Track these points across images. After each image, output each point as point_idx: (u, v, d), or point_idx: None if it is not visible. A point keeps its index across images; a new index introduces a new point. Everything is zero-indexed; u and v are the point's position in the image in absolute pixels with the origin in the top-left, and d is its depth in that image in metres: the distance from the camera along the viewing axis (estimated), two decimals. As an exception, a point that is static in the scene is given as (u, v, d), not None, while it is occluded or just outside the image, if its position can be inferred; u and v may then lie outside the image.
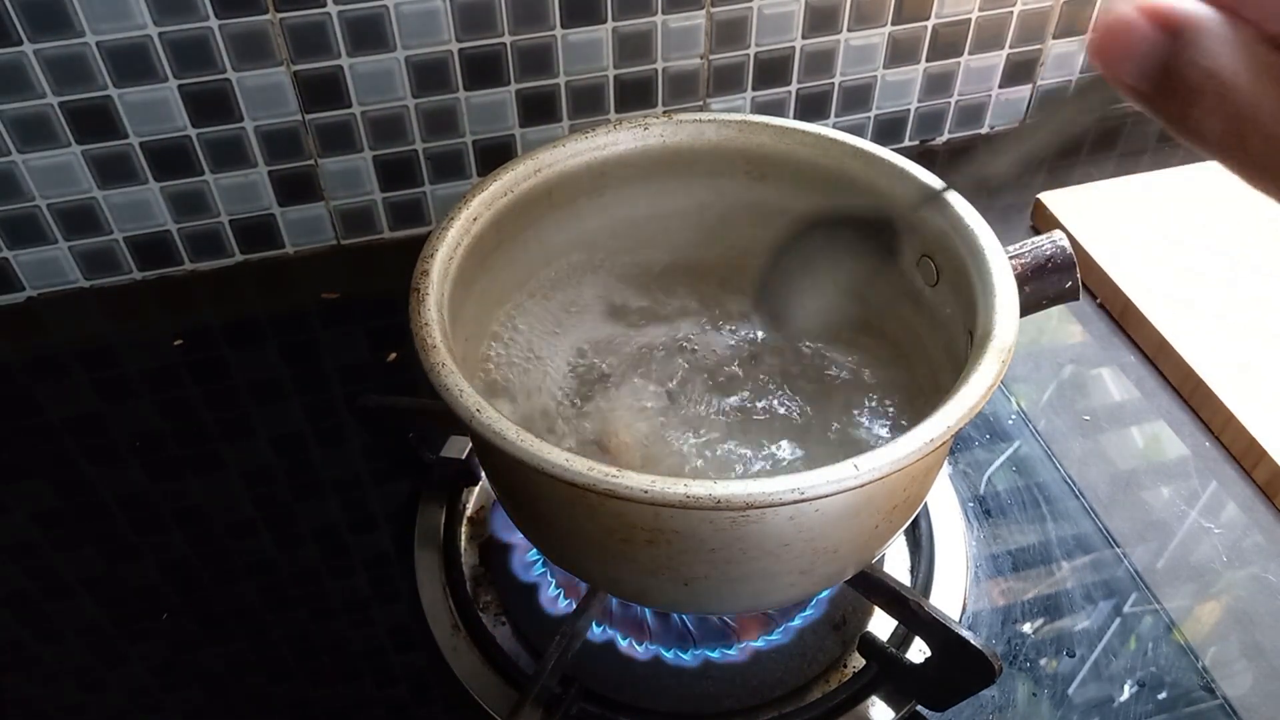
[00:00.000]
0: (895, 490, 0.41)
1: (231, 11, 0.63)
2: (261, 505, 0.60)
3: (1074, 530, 0.57)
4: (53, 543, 0.59)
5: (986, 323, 0.42)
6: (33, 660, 0.53)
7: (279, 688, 0.52)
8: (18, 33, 0.60)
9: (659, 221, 0.56)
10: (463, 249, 0.47)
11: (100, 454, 0.63)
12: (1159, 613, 0.53)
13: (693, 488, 0.35)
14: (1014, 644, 0.52)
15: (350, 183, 0.73)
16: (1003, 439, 0.62)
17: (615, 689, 0.50)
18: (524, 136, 0.74)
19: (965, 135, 0.85)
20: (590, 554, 0.43)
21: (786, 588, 0.43)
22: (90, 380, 0.68)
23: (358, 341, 0.70)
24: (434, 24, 0.66)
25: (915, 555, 0.56)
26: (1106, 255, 0.71)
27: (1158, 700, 0.49)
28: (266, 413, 0.66)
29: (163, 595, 0.56)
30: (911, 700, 0.49)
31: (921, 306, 0.50)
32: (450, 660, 0.51)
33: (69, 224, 0.70)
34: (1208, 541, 0.56)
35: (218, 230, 0.73)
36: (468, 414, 0.38)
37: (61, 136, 0.65)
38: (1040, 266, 0.48)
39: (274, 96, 0.67)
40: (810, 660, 0.51)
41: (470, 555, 0.56)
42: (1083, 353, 0.68)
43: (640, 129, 0.52)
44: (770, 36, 0.74)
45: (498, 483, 0.47)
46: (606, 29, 0.70)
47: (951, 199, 0.47)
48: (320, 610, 0.55)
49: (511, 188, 0.50)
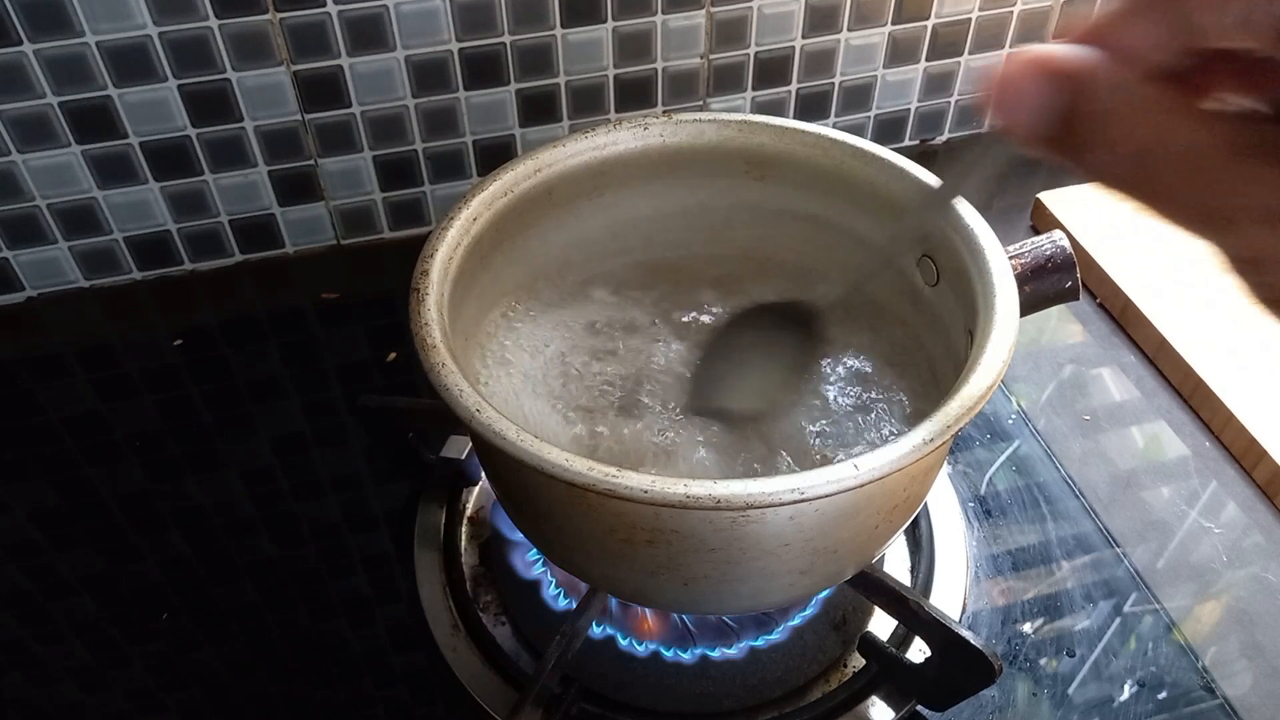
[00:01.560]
0: (895, 490, 0.41)
1: (231, 11, 0.63)
2: (261, 505, 0.60)
3: (1074, 530, 0.57)
4: (53, 543, 0.59)
5: (986, 323, 0.42)
6: (33, 660, 0.53)
7: (279, 688, 0.52)
8: (18, 33, 0.60)
9: (659, 221, 0.56)
10: (463, 249, 0.47)
11: (100, 454, 0.63)
12: (1159, 613, 0.53)
13: (692, 488, 0.35)
14: (1014, 644, 0.52)
15: (350, 183, 0.73)
16: (1003, 439, 0.62)
17: (615, 689, 0.50)
18: (524, 136, 0.74)
19: (965, 135, 0.85)
20: (590, 554, 0.43)
21: (786, 588, 0.43)
22: (90, 380, 0.68)
23: (358, 341, 0.70)
24: (434, 24, 0.66)
25: (915, 555, 0.56)
26: (1106, 255, 0.70)
27: (1158, 700, 0.49)
28: (266, 413, 0.66)
29: (163, 595, 0.56)
30: (911, 700, 0.49)
31: (921, 306, 0.50)
32: (450, 660, 0.51)
33: (69, 224, 0.70)
34: (1208, 541, 0.56)
35: (217, 230, 0.73)
36: (468, 414, 0.38)
37: (61, 136, 0.65)
38: (1040, 266, 0.47)
39: (274, 96, 0.67)
40: (810, 660, 0.51)
41: (470, 555, 0.56)
42: (1083, 353, 0.68)
43: (640, 129, 0.52)
44: (770, 36, 0.74)
45: (498, 483, 0.47)
46: (606, 29, 0.70)
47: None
48: (320, 610, 0.55)
49: (511, 188, 0.49)
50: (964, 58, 0.79)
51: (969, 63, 0.80)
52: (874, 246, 0.47)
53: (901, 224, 0.45)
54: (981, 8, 0.76)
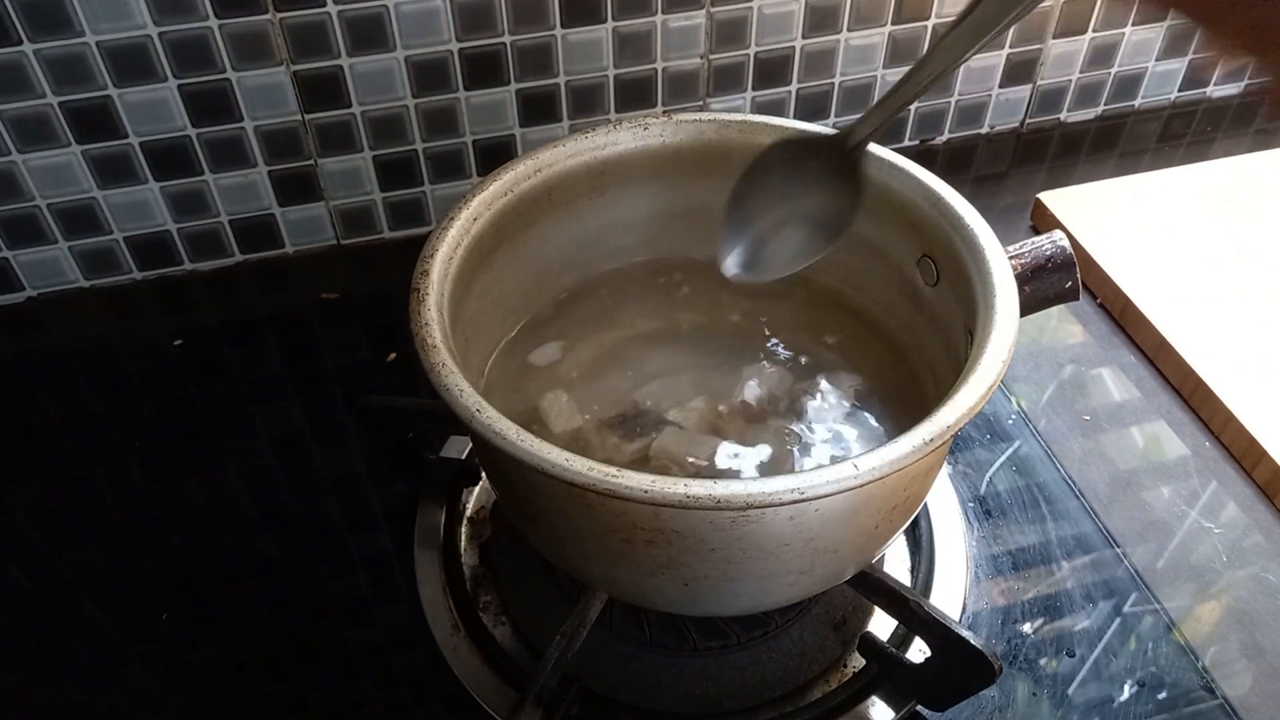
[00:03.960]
0: (895, 490, 0.41)
1: (231, 11, 0.63)
2: (261, 505, 0.60)
3: (1074, 530, 0.57)
4: (53, 543, 0.59)
5: (986, 323, 0.42)
6: (33, 660, 0.53)
7: (279, 688, 0.52)
8: (18, 33, 0.60)
9: (659, 221, 0.56)
10: (463, 249, 0.47)
11: (100, 454, 0.63)
12: (1159, 613, 0.53)
13: (692, 488, 0.35)
14: (1014, 644, 0.52)
15: (350, 183, 0.73)
16: (1003, 439, 0.62)
17: (615, 689, 0.50)
18: (524, 136, 0.74)
19: (965, 135, 0.85)
20: (590, 554, 0.43)
21: (786, 588, 0.43)
22: (90, 380, 0.68)
23: (358, 341, 0.70)
24: (434, 24, 0.66)
25: (915, 555, 0.56)
26: (1106, 255, 0.70)
27: (1158, 700, 0.49)
28: (266, 413, 0.65)
29: (163, 595, 0.56)
30: (911, 700, 0.49)
31: (921, 306, 0.50)
32: (450, 660, 0.51)
33: (69, 224, 0.70)
34: (1208, 541, 0.56)
35: (217, 230, 0.73)
36: (468, 414, 0.38)
37: (61, 136, 0.65)
38: (1040, 266, 0.48)
39: (274, 96, 0.67)
40: (810, 660, 0.51)
41: (470, 555, 0.56)
42: (1083, 353, 0.68)
43: (640, 129, 0.52)
44: (770, 36, 0.74)
45: (498, 483, 0.47)
46: (606, 29, 0.70)
47: (949, 197, 0.47)
48: (320, 610, 0.55)
49: (511, 188, 0.50)
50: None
51: (969, 63, 0.80)
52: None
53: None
54: (981, 8, 0.76)
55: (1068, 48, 0.82)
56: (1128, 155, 0.84)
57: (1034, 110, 0.85)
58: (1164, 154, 0.84)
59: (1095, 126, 0.87)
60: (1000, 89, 0.83)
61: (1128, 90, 0.87)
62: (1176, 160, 0.82)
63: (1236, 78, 0.88)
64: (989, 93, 0.83)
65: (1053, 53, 0.81)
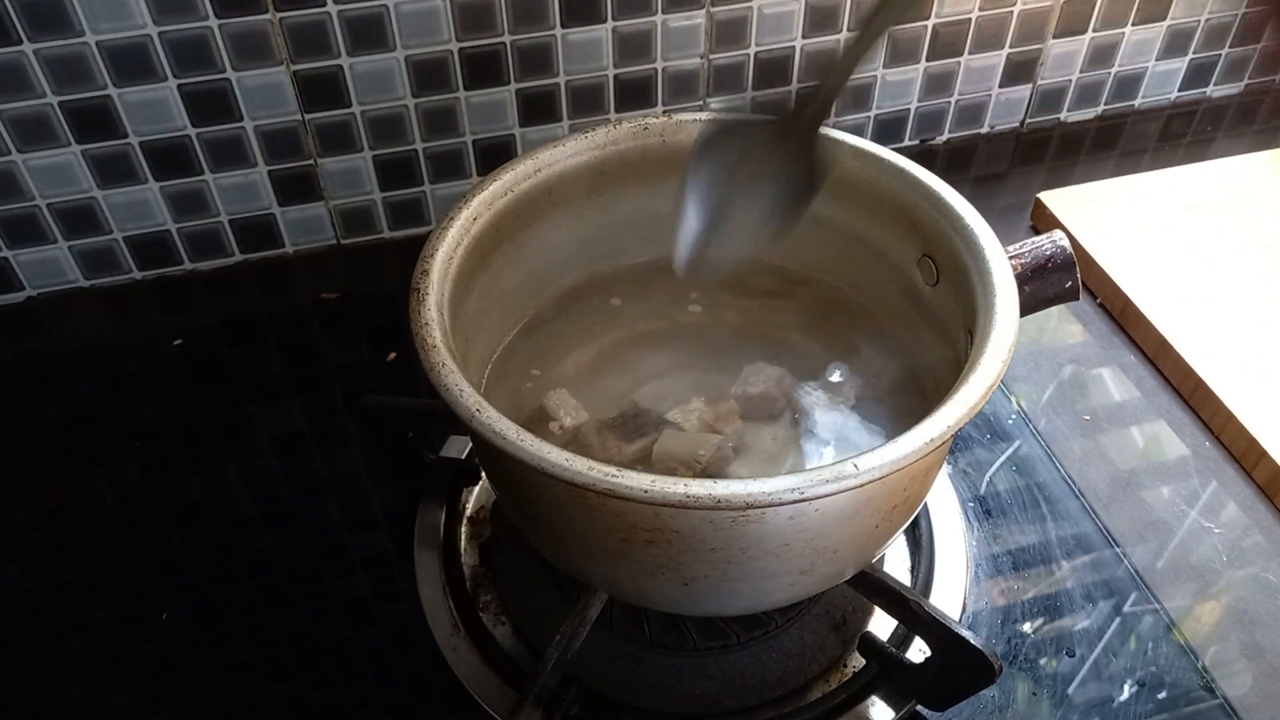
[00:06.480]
0: (895, 490, 0.41)
1: (231, 11, 0.63)
2: (261, 505, 0.60)
3: (1074, 530, 0.57)
4: (53, 543, 0.59)
5: (986, 323, 0.42)
6: (33, 660, 0.53)
7: (279, 688, 0.52)
8: (18, 32, 0.60)
9: (659, 221, 0.56)
10: (463, 249, 0.47)
11: (100, 454, 0.63)
12: (1159, 612, 0.53)
13: (692, 488, 0.35)
14: (1014, 644, 0.52)
15: (350, 182, 0.73)
16: (1003, 439, 0.62)
17: (615, 689, 0.50)
18: (524, 136, 0.74)
19: (965, 135, 0.85)
20: (590, 554, 0.43)
21: (786, 588, 0.43)
22: (90, 380, 0.68)
23: (358, 341, 0.70)
24: (434, 23, 0.66)
25: (915, 555, 0.56)
26: (1106, 255, 0.70)
27: (1158, 700, 0.49)
28: (266, 413, 0.65)
29: (163, 595, 0.56)
30: (911, 700, 0.49)
31: (921, 306, 0.50)
32: (450, 660, 0.51)
33: (69, 224, 0.69)
34: (1208, 541, 0.56)
35: (217, 230, 0.73)
36: (468, 414, 0.38)
37: (61, 136, 0.65)
38: (1040, 266, 0.48)
39: (274, 96, 0.67)
40: (810, 660, 0.51)
41: (470, 555, 0.56)
42: (1083, 353, 0.68)
43: (640, 129, 0.52)
44: (770, 36, 0.74)
45: (498, 482, 0.47)
46: (606, 28, 0.70)
47: (949, 197, 0.47)
48: (320, 610, 0.55)
49: (511, 187, 0.50)
50: (964, 58, 0.79)
51: (969, 63, 0.80)
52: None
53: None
54: (981, 8, 0.76)
55: (1068, 47, 0.82)
56: (1128, 155, 0.84)
57: (1034, 110, 0.85)
58: (1164, 154, 0.84)
59: (1095, 126, 0.87)
60: (1000, 89, 0.83)
61: (1128, 90, 0.87)
62: (1176, 160, 0.82)
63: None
64: (989, 92, 0.83)
65: (1053, 52, 0.82)
